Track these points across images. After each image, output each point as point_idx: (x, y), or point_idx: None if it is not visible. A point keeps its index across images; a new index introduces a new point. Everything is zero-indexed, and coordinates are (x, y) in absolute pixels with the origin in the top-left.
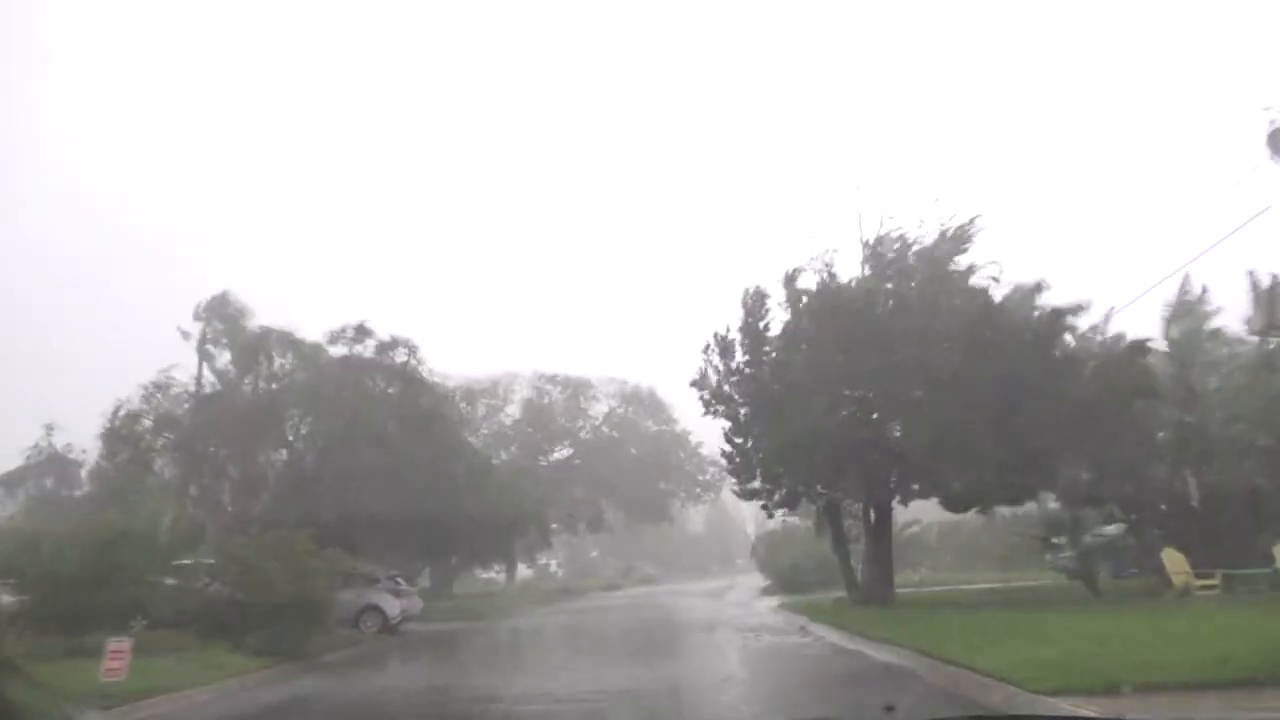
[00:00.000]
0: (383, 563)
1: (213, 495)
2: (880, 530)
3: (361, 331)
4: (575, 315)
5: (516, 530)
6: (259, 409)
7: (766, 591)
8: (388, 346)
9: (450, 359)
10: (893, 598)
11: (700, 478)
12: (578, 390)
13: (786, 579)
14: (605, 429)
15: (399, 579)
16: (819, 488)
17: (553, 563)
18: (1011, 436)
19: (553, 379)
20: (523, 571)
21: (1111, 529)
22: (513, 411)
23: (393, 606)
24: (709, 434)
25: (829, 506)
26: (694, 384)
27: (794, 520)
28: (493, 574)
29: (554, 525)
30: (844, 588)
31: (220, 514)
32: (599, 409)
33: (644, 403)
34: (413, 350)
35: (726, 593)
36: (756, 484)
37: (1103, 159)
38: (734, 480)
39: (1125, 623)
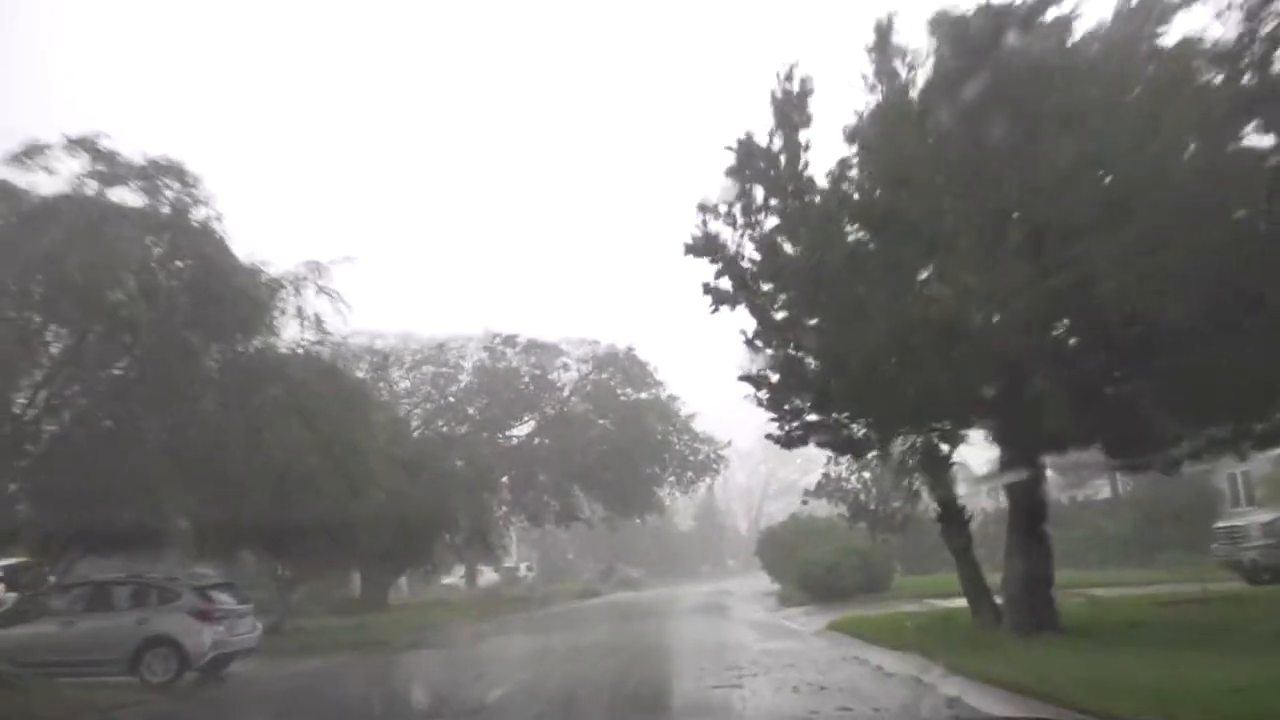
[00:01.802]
0: (229, 565)
1: None
2: (1036, 506)
3: (82, 146)
4: (536, 271)
5: (441, 523)
6: None
7: (785, 600)
8: (147, 175)
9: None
10: (1056, 619)
11: (692, 458)
12: (541, 354)
13: (815, 584)
14: (575, 400)
15: (225, 591)
16: (933, 424)
17: (522, 565)
18: None
19: (511, 340)
20: (489, 576)
21: None
22: (464, 380)
23: (198, 639)
24: (704, 401)
25: (929, 460)
26: (692, 250)
27: (797, 508)
28: (455, 579)
29: (512, 518)
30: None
31: None
32: (567, 377)
33: (621, 367)
34: (189, 183)
35: (730, 601)
36: (813, 417)
37: None
38: (765, 406)
39: None
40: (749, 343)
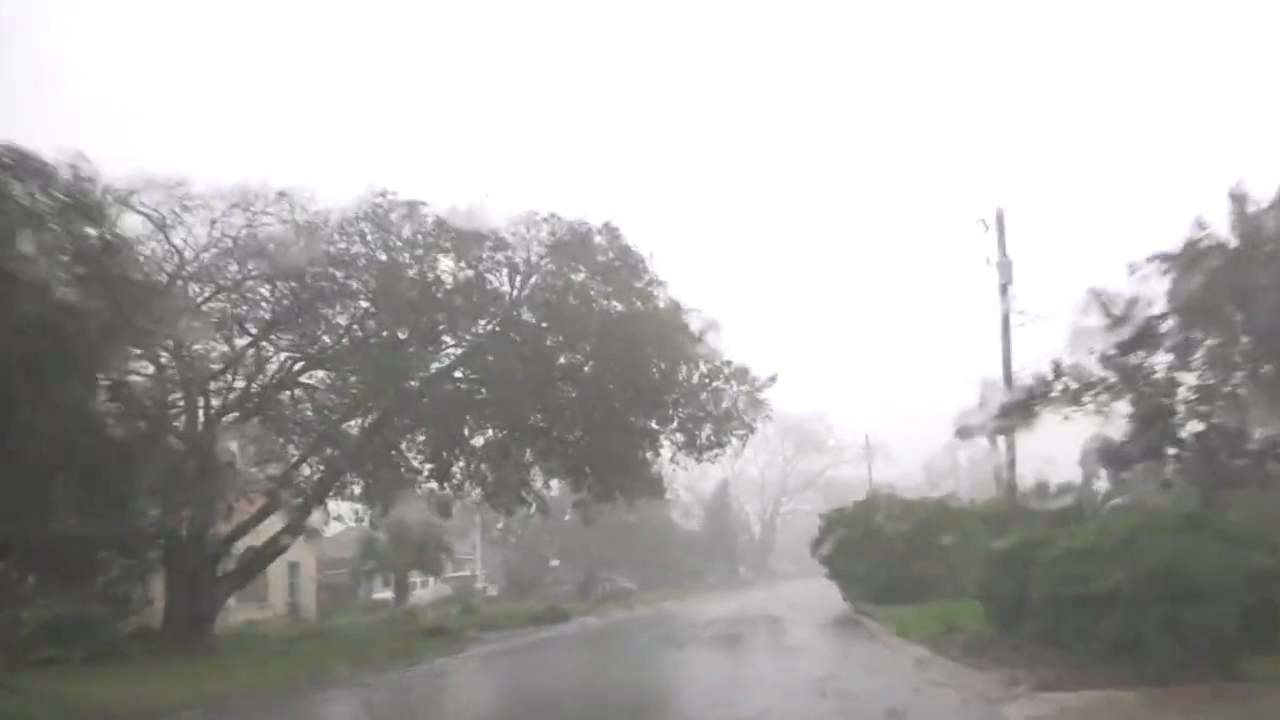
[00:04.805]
0: None
1: None
2: None
3: None
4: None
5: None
6: None
7: (965, 653)
8: None
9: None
10: None
11: (712, 406)
12: (466, 233)
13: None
14: (523, 311)
15: None
16: None
17: (481, 574)
18: None
19: (414, 208)
20: (439, 589)
21: None
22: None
23: None
24: (728, 301)
25: None
26: None
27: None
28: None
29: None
30: None
31: None
32: (508, 280)
33: (595, 257)
34: None
35: (816, 647)
36: None
37: None
38: None
39: None
40: None
